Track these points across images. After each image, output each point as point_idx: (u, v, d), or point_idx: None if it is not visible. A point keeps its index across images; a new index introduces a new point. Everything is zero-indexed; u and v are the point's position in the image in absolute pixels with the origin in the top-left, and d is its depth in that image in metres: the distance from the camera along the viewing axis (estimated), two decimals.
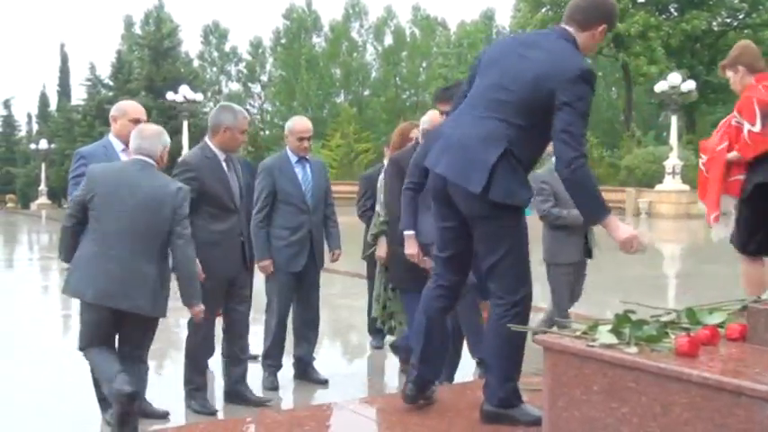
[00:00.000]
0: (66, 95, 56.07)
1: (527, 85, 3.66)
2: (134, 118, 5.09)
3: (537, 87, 3.62)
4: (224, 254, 5.25)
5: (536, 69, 3.66)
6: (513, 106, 3.69)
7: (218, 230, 5.23)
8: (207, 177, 5.20)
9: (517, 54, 3.81)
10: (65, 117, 49.11)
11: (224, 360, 5.59)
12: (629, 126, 41.06)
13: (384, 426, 4.08)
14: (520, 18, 47.36)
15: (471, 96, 3.90)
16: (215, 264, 5.15)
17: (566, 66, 3.60)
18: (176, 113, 34.65)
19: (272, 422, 4.15)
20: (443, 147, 3.84)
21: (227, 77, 67.60)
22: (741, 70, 5.20)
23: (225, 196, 5.27)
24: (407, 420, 3.93)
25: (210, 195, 5.20)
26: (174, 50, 46.98)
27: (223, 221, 5.27)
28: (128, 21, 63.07)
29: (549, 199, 6.07)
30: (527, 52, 3.78)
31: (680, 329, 3.10)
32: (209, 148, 5.32)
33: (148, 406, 5.22)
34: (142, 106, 5.46)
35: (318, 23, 65.08)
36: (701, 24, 39.61)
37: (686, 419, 2.63)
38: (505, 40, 4.24)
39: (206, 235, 5.12)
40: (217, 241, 5.20)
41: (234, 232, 5.34)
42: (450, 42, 60.36)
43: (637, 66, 38.95)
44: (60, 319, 8.66)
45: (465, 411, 4.01)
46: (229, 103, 5.67)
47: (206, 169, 5.23)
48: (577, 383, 2.99)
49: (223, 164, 5.34)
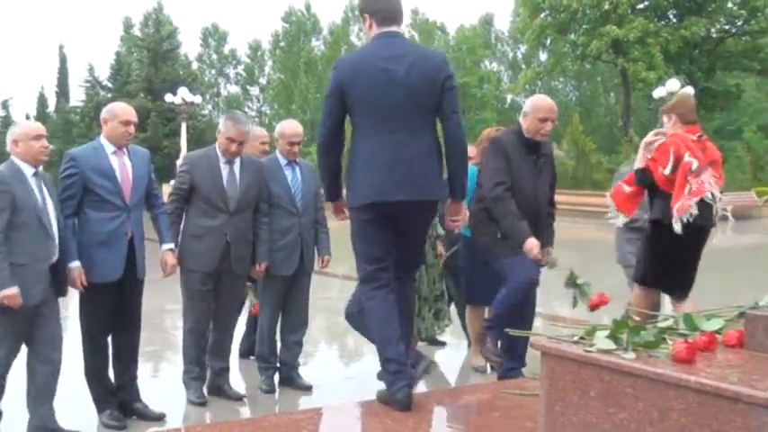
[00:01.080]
0: (64, 97, 55.92)
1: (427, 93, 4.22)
2: (124, 120, 5.13)
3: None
4: (204, 249, 5.50)
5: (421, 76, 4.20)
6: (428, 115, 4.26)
7: (203, 226, 5.52)
8: (199, 174, 5.53)
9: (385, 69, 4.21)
10: (63, 118, 49.10)
11: (210, 357, 5.76)
12: (627, 131, 41.05)
13: (378, 427, 4.07)
14: (519, 23, 47.43)
15: (378, 120, 4.21)
16: (195, 257, 5.51)
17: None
18: (175, 115, 34.59)
19: (270, 425, 4.15)
20: (393, 177, 4.21)
21: (226, 80, 67.55)
22: (674, 118, 5.49)
23: (214, 195, 5.51)
24: (404, 424, 3.93)
25: (200, 191, 5.53)
26: (172, 52, 47.00)
27: (211, 218, 5.50)
28: (127, 22, 62.94)
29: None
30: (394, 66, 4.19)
31: (677, 335, 3.10)
32: (213, 149, 5.67)
33: (144, 408, 5.25)
34: (141, 108, 5.57)
35: (318, 26, 65.05)
36: (699, 31, 39.60)
37: (683, 425, 2.63)
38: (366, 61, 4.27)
39: (192, 228, 5.54)
40: (200, 235, 5.51)
41: (220, 231, 5.50)
42: (449, 47, 60.29)
43: (635, 71, 38.91)
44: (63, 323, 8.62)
45: (460, 414, 4.01)
46: (234, 112, 5.87)
47: (201, 166, 5.57)
48: (574, 388, 2.99)
49: (223, 165, 5.56)
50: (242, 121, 5.61)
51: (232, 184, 5.55)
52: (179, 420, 5.30)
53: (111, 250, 5.02)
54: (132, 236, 5.11)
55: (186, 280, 5.60)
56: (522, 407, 4.12)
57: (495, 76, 61.03)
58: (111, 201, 5.03)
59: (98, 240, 5.00)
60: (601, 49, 40.13)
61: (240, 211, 5.57)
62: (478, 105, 56.45)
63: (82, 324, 5.18)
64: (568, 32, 43.37)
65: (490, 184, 5.24)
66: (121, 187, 5.08)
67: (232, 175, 5.57)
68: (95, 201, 5.02)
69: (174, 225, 5.52)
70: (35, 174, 4.73)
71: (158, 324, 8.44)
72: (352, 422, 4.23)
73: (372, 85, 4.17)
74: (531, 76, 47.71)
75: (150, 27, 50.28)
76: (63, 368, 4.85)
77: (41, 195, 4.70)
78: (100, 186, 5.01)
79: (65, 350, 4.87)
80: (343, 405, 4.63)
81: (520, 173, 5.30)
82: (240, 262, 5.63)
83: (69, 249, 4.92)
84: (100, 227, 5.02)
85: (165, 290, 5.72)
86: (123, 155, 5.16)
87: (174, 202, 5.58)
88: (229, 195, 5.52)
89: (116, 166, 5.09)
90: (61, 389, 4.88)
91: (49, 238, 4.69)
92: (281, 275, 5.89)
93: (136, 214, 5.15)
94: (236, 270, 5.64)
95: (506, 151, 5.28)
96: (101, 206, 5.02)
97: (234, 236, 5.54)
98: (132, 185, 5.13)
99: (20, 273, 4.51)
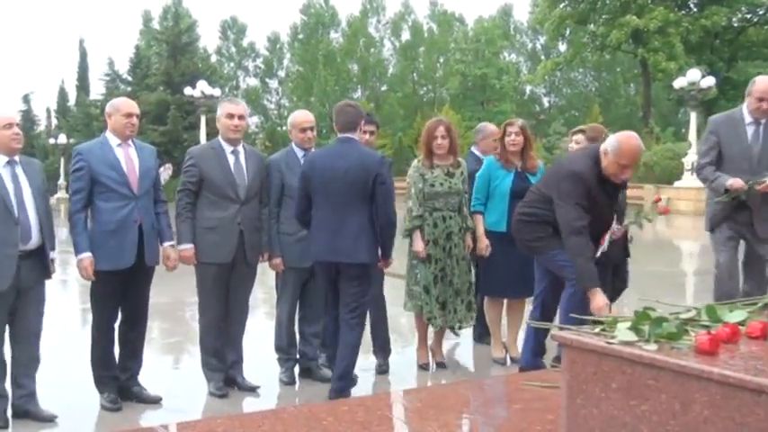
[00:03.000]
0: (84, 90, 56.23)
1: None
2: (126, 112, 5.33)
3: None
4: (219, 240, 5.51)
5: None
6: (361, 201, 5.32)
7: (216, 217, 5.52)
8: (206, 165, 5.55)
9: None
10: (83, 112, 49.35)
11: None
12: (647, 122, 40.85)
13: (402, 420, 4.07)
14: (538, 14, 47.20)
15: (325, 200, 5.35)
16: (211, 249, 5.50)
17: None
18: (194, 108, 34.75)
19: (290, 417, 4.16)
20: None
21: (245, 73, 67.75)
22: (582, 140, 6.42)
23: (224, 185, 5.53)
24: (426, 415, 3.93)
25: (209, 183, 5.53)
26: (191, 46, 47.07)
27: (222, 209, 5.52)
28: (146, 16, 63.30)
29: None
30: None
31: (700, 327, 3.07)
32: (217, 141, 5.73)
33: (141, 391, 5.44)
34: (161, 101, 5.66)
35: (336, 19, 65.07)
36: (720, 20, 39.31)
37: (706, 417, 2.61)
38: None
39: (204, 220, 5.52)
40: (214, 227, 5.51)
41: (233, 221, 5.53)
42: (468, 38, 60.10)
43: (656, 62, 38.70)
44: (79, 313, 8.71)
45: (481, 406, 4.01)
46: (225, 97, 5.90)
47: (207, 158, 5.61)
48: (596, 381, 2.97)
49: (229, 155, 5.62)
50: (234, 99, 5.78)
51: (240, 174, 5.60)
52: (198, 412, 5.32)
53: (122, 238, 5.19)
54: (142, 223, 5.24)
55: (202, 273, 5.61)
56: (543, 399, 4.11)
57: (513, 68, 60.83)
58: (118, 191, 5.21)
59: (109, 230, 5.18)
60: (621, 39, 39.93)
61: (249, 200, 5.61)
62: (497, 97, 56.28)
63: (92, 310, 5.38)
64: (588, 23, 43.17)
65: (570, 216, 5.06)
66: (128, 177, 5.25)
67: (239, 164, 5.63)
68: (104, 192, 5.21)
69: (187, 220, 5.52)
70: (8, 162, 4.90)
71: (181, 316, 8.47)
72: (374, 414, 4.23)
73: (324, 175, 5.32)
74: (550, 66, 47.56)
75: (169, 20, 50.49)
76: (72, 351, 4.96)
77: (14, 183, 4.89)
78: (107, 177, 5.20)
79: (74, 335, 4.98)
80: (364, 397, 4.63)
81: (596, 206, 5.18)
82: (253, 251, 5.68)
83: (78, 241, 5.14)
84: (109, 216, 5.20)
85: (186, 282, 5.74)
86: (129, 147, 5.35)
87: (183, 199, 5.55)
88: (239, 184, 5.57)
89: (121, 158, 5.28)
90: (65, 370, 4.95)
91: (17, 224, 4.84)
92: (299, 268, 5.89)
93: (144, 202, 5.31)
94: (251, 260, 5.68)
95: (588, 187, 5.13)
96: (109, 197, 5.21)
97: (247, 225, 5.58)
98: (139, 175, 5.29)
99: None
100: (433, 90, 63.63)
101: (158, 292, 5.89)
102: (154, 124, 39.25)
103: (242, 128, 5.69)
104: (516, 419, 4.01)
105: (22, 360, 5.03)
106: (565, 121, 49.93)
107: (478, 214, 6.44)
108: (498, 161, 6.48)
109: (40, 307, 5.10)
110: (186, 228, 5.51)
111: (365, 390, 5.76)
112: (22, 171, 4.96)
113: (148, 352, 5.85)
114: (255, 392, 5.73)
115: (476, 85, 56.39)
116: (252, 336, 6.13)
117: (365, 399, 4.64)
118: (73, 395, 5.34)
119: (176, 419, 4.40)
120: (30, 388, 5.04)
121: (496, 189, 6.41)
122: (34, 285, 5.02)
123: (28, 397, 5.04)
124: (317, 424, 3.90)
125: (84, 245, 5.14)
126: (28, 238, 4.92)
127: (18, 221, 4.85)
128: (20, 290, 4.91)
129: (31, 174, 5.03)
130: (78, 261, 5.15)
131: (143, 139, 5.55)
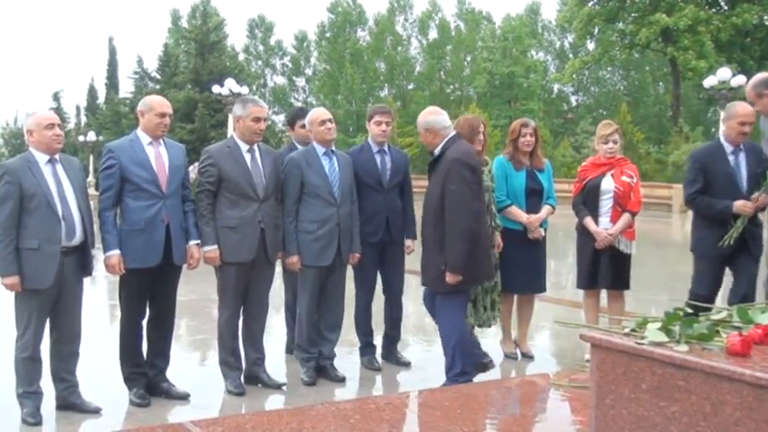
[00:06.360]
0: (114, 88, 56.66)
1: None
2: (160, 112, 5.35)
3: None
4: (241, 239, 5.52)
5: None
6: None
7: (236, 216, 5.53)
8: (225, 164, 5.53)
9: None
10: (113, 110, 49.75)
11: (244, 347, 5.82)
12: (676, 121, 40.51)
13: (427, 419, 4.07)
14: (566, 12, 46.96)
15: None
16: (233, 248, 5.51)
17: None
18: (222, 106, 34.89)
19: (317, 414, 4.16)
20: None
21: (272, 71, 67.93)
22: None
23: (243, 183, 5.53)
24: (452, 414, 3.92)
25: (228, 182, 5.53)
26: (219, 44, 47.30)
27: (242, 208, 5.53)
28: (175, 14, 63.64)
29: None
30: None
31: (731, 328, 3.04)
32: (233, 140, 5.74)
33: (170, 387, 5.51)
34: (189, 99, 5.70)
35: (363, 17, 65.05)
36: (751, 18, 38.89)
37: (737, 419, 2.59)
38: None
39: (225, 220, 5.52)
40: (235, 226, 5.52)
41: (254, 219, 5.54)
42: (495, 36, 59.88)
43: (685, 60, 38.37)
44: (107, 309, 8.78)
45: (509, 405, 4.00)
46: (244, 95, 5.94)
47: (225, 157, 5.59)
48: (626, 381, 2.95)
49: (245, 154, 5.63)
50: (259, 101, 5.78)
51: (257, 172, 5.62)
52: (225, 409, 5.36)
53: (150, 237, 5.23)
54: (169, 223, 5.27)
55: (223, 272, 5.62)
56: (571, 399, 4.09)
57: (541, 66, 60.50)
58: (147, 189, 5.24)
59: (137, 228, 5.23)
60: (650, 37, 39.62)
61: (268, 198, 5.64)
62: (525, 95, 56.02)
63: (120, 307, 5.44)
64: (617, 21, 42.87)
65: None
66: (157, 176, 5.28)
67: (255, 162, 5.64)
68: (133, 190, 5.25)
69: (210, 221, 5.51)
70: (49, 160, 4.97)
71: (208, 313, 8.50)
72: (401, 413, 4.23)
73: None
74: (578, 65, 47.28)
75: (197, 19, 50.78)
76: (101, 347, 5.00)
77: (56, 180, 4.95)
78: (137, 176, 5.24)
79: (103, 331, 5.02)
80: (390, 396, 4.63)
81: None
82: (274, 249, 5.71)
83: (107, 239, 5.19)
84: (138, 215, 5.24)
85: (214, 280, 5.76)
86: (159, 145, 5.38)
87: (203, 200, 5.53)
88: (257, 183, 5.58)
89: (152, 156, 5.31)
90: (95, 366, 4.99)
91: (60, 221, 4.90)
92: (319, 266, 5.89)
93: (173, 202, 5.33)
94: (272, 258, 5.71)
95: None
96: (138, 195, 5.24)
97: (267, 223, 5.60)
98: (168, 174, 5.32)
99: (31, 257, 4.81)
100: (460, 88, 63.40)
101: (187, 290, 5.94)
102: (182, 122, 39.48)
103: (264, 132, 5.76)
104: (545, 419, 4.00)
105: (64, 355, 5.10)
106: (593, 119, 49.57)
107: (510, 207, 6.48)
108: (509, 161, 6.55)
109: (80, 303, 5.18)
110: (210, 229, 5.51)
111: (392, 388, 5.77)
112: (62, 169, 5.03)
113: (176, 348, 5.90)
114: (281, 389, 5.74)
115: (503, 84, 56.17)
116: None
117: (392, 397, 4.63)
118: (102, 391, 5.39)
119: (204, 416, 4.42)
120: (72, 381, 5.13)
121: (511, 188, 6.51)
122: (75, 282, 5.09)
123: (71, 389, 5.12)
124: (345, 422, 3.90)
125: (113, 242, 5.18)
126: (72, 235, 4.98)
127: (62, 218, 4.91)
128: (62, 286, 4.96)
129: (71, 171, 5.09)
130: (106, 258, 5.19)
131: (171, 136, 5.59)
